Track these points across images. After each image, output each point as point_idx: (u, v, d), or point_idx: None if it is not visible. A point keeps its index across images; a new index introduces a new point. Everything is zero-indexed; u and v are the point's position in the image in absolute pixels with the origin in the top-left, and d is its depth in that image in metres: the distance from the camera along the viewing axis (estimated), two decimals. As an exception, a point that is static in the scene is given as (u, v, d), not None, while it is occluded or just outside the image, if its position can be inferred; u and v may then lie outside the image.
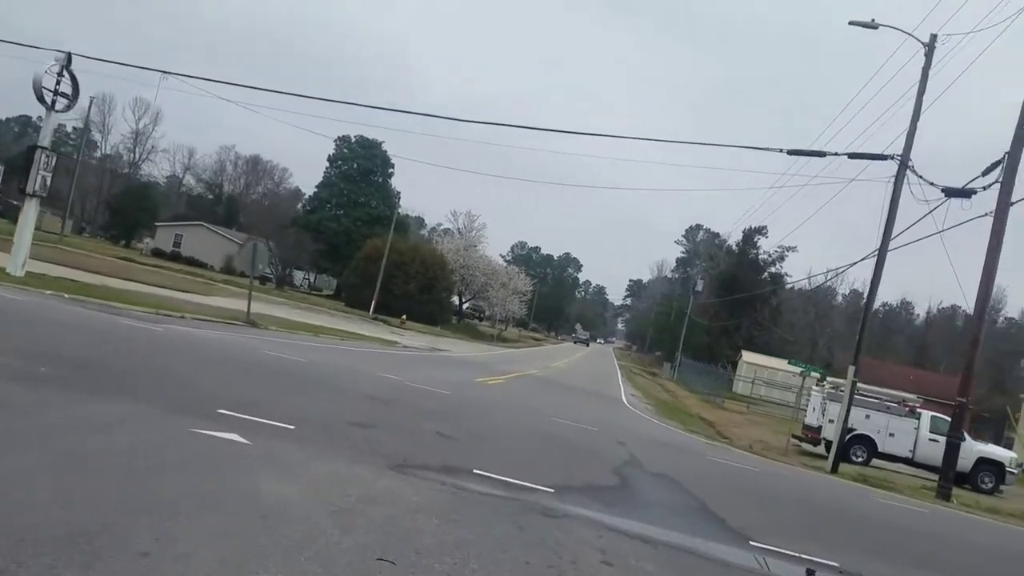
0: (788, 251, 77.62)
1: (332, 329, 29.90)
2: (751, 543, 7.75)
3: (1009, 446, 32.34)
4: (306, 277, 79.81)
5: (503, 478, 8.16)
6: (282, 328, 24.59)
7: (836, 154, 20.24)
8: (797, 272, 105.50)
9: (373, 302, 54.03)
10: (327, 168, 74.52)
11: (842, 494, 15.14)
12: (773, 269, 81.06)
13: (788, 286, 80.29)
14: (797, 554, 7.67)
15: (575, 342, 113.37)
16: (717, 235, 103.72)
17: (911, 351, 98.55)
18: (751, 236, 79.08)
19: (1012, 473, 23.38)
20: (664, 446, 15.74)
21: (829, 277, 72.00)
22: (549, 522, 6.78)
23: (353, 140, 72.83)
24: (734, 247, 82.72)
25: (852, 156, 20.32)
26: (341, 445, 8.08)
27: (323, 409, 9.95)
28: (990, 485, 22.89)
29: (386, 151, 73.92)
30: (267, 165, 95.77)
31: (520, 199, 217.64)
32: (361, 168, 74.13)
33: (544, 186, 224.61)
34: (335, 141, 72.90)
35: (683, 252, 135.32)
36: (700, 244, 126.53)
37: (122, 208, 75.14)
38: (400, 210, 77.61)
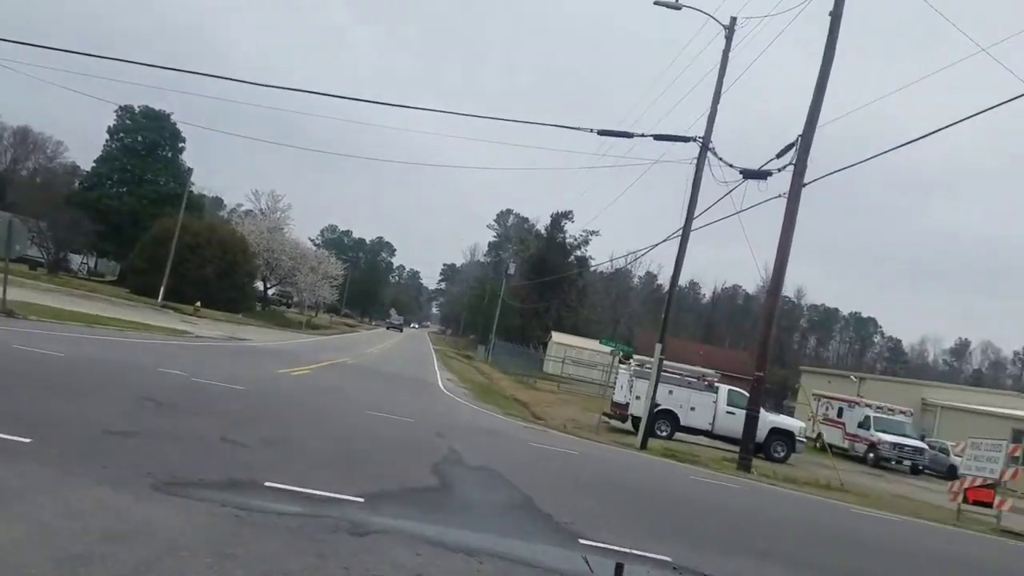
0: (592, 235, 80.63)
1: (111, 319, 26.51)
2: (581, 541, 7.09)
3: (791, 415, 35.25)
4: (84, 262, 71.78)
5: (303, 490, 6.93)
6: (47, 318, 21.26)
7: (643, 135, 20.44)
8: (601, 255, 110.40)
9: (162, 288, 49.29)
10: (107, 141, 67.03)
11: (658, 473, 15.21)
12: (579, 252, 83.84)
13: (593, 268, 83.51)
14: (628, 549, 7.11)
15: (388, 327, 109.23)
16: (527, 219, 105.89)
17: (699, 328, 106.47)
18: (558, 220, 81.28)
19: (801, 442, 25.13)
20: (484, 434, 15.01)
21: (630, 260, 75.38)
22: (357, 543, 5.68)
23: (137, 110, 66.12)
24: (543, 231, 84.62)
25: (657, 138, 20.62)
26: (93, 462, 6.46)
27: (77, 415, 8.13)
28: (782, 454, 24.46)
29: (175, 123, 67.86)
30: (38, 137, 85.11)
31: (330, 182, 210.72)
32: (147, 141, 67.46)
33: (356, 169, 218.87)
34: (116, 111, 65.82)
35: (495, 236, 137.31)
36: (511, 228, 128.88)
37: None
38: (194, 188, 71.79)
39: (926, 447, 33.35)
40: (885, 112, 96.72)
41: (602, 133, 19.93)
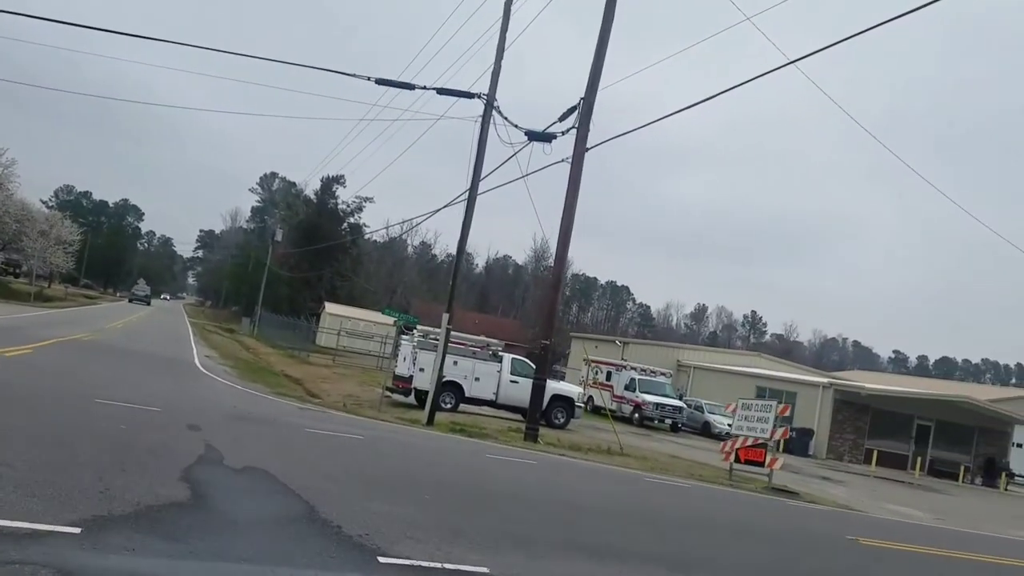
0: (366, 201, 77.91)
1: None
2: (380, 560, 5.73)
3: (562, 379, 36.17)
4: None
5: (-13, 524, 4.89)
6: None
7: (425, 88, 19.09)
8: (375, 223, 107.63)
9: None
10: None
11: (452, 454, 14.12)
12: (352, 219, 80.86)
13: (368, 236, 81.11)
14: (439, 564, 5.87)
15: (131, 300, 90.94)
16: (294, 184, 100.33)
17: (473, 297, 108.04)
18: (329, 185, 77.60)
19: (580, 407, 25.45)
20: (251, 422, 12.96)
21: (407, 228, 74.13)
22: (60, 611, 3.88)
23: None
24: (312, 197, 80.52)
25: (440, 92, 19.38)
26: None
27: None
28: (562, 420, 24.59)
29: None
30: None
31: (64, 137, 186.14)
32: None
33: (96, 122, 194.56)
34: None
35: (259, 201, 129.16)
36: (277, 193, 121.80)
37: None
38: None
39: (684, 406, 35.69)
40: (649, 90, 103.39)
41: (380, 82, 18.34)
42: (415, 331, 25.67)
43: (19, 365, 14.98)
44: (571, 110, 19.54)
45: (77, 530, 5.11)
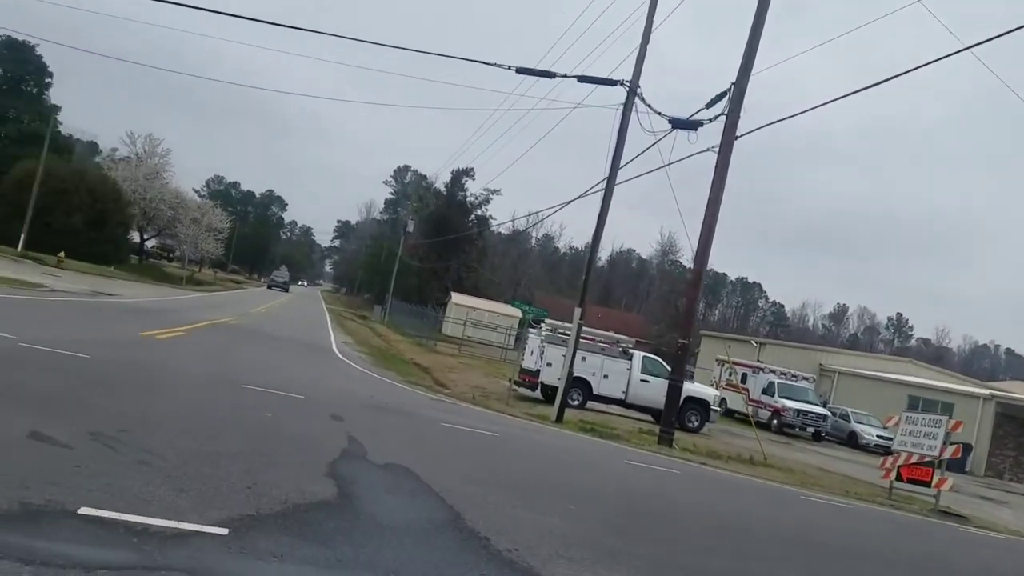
0: (494, 194, 78.48)
1: (-57, 269, 22.64)
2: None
3: (691, 379, 34.79)
4: (-65, 206, 64.04)
5: (137, 519, 4.73)
6: None
7: (565, 76, 18.50)
8: (501, 215, 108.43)
9: (22, 237, 44.11)
10: (-40, 71, 59.64)
11: (588, 458, 13.56)
12: (480, 212, 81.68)
13: (494, 228, 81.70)
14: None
15: (270, 286, 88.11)
16: (425, 177, 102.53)
17: (596, 291, 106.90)
18: (459, 178, 78.68)
19: (716, 411, 24.27)
20: (389, 413, 12.86)
21: (533, 220, 73.99)
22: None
23: (-2, 40, 58.88)
24: (442, 189, 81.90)
25: (581, 79, 18.74)
26: None
27: None
28: (696, 424, 23.51)
29: (41, 56, 60.98)
30: None
31: (218, 131, 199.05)
32: (8, 75, 60.47)
33: (247, 118, 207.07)
34: (-32, 38, 58.40)
35: (392, 193, 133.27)
36: (409, 186, 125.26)
37: None
38: (63, 129, 65.12)
39: (828, 413, 33.56)
40: (789, 77, 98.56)
41: (520, 71, 17.90)
42: (543, 325, 25.25)
43: (171, 347, 15.60)
44: (720, 96, 18.47)
45: (224, 531, 4.88)
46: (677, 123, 18.66)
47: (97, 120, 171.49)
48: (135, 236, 67.69)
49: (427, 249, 73.25)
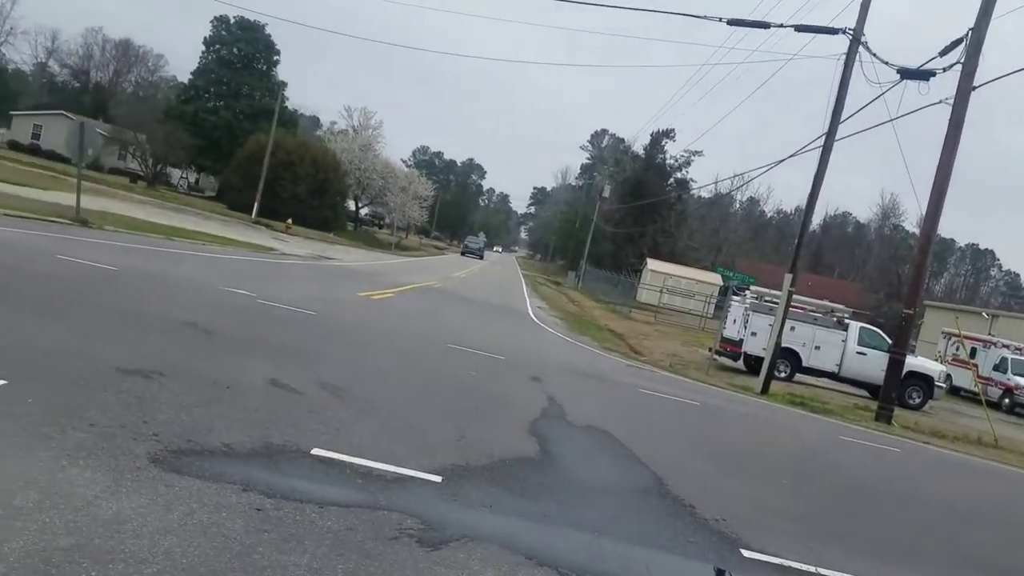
0: (695, 156, 75.94)
1: (196, 232, 25.63)
2: (744, 554, 5.01)
3: (912, 353, 31.90)
4: (184, 176, 72.84)
5: (362, 462, 5.07)
6: (124, 229, 20.31)
7: (781, 25, 17.34)
8: (702, 177, 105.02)
9: (255, 205, 48.99)
10: (203, 53, 66.77)
11: (797, 432, 12.87)
12: (679, 175, 79.52)
13: (694, 193, 79.26)
14: (814, 569, 4.99)
15: (464, 253, 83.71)
16: (622, 140, 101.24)
17: (806, 257, 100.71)
18: (658, 140, 76.85)
19: (940, 387, 22.19)
20: (586, 377, 12.97)
21: (736, 184, 70.83)
22: (429, 564, 3.77)
23: (232, 21, 65.26)
24: (640, 152, 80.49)
25: (799, 29, 17.48)
26: (79, 416, 4.73)
27: (89, 346, 6.48)
28: (918, 400, 21.63)
29: (269, 35, 66.85)
30: (139, 51, 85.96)
31: (423, 102, 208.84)
32: (242, 53, 66.80)
33: (447, 89, 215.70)
34: (212, 22, 65.27)
35: (588, 158, 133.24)
36: (606, 150, 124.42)
37: (-26, 94, 65.92)
38: (288, 105, 71.11)
39: (1070, 395, 29.56)
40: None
41: (732, 23, 17.04)
42: (747, 292, 24.20)
43: (384, 308, 16.66)
44: (954, 43, 16.53)
45: (438, 479, 5.12)
46: (906, 73, 16.95)
47: (318, 94, 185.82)
48: (351, 204, 72.93)
49: (623, 214, 72.57)
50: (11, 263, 10.63)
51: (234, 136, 62.06)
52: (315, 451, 5.11)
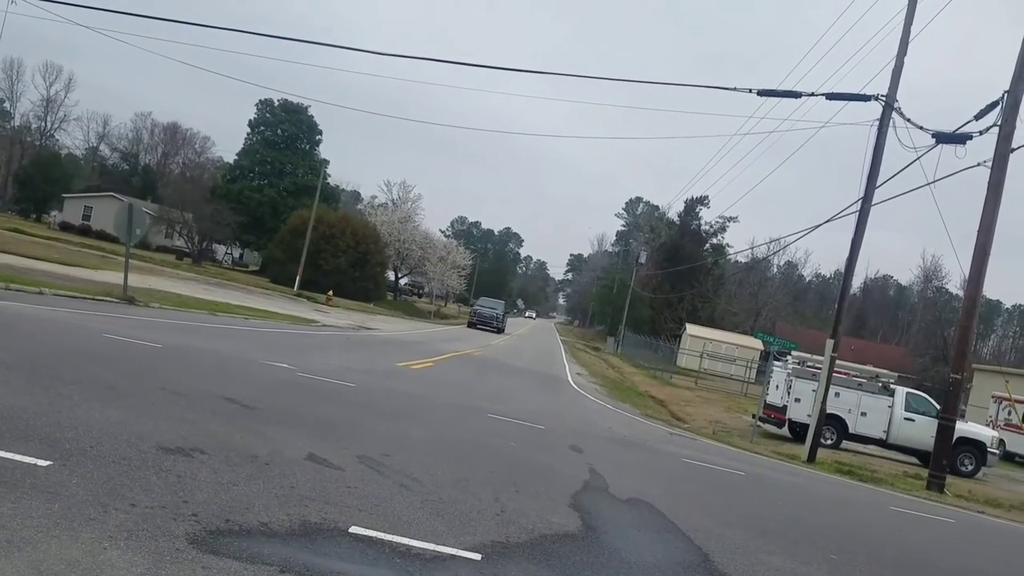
0: (730, 221, 76.05)
1: (239, 307, 26.16)
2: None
3: (962, 418, 30.75)
4: (228, 252, 74.83)
5: (400, 540, 5.01)
6: (169, 305, 20.80)
7: (812, 94, 17.53)
8: (738, 242, 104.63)
9: (297, 278, 49.98)
10: (248, 134, 69.42)
11: (846, 499, 12.46)
12: (715, 240, 79.47)
13: (731, 257, 78.92)
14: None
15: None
16: (657, 207, 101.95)
17: (848, 321, 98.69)
18: (692, 207, 77.28)
19: (994, 454, 21.35)
20: (627, 446, 12.75)
21: (773, 248, 70.38)
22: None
23: (276, 104, 67.90)
24: (675, 219, 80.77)
25: (830, 97, 17.64)
26: (121, 497, 4.77)
27: (129, 425, 6.58)
28: (971, 468, 20.84)
29: (312, 116, 69.33)
30: (186, 133, 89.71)
31: (461, 174, 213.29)
32: (286, 134, 69.33)
33: (485, 161, 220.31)
34: (256, 105, 68.00)
35: (623, 225, 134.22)
36: (640, 217, 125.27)
37: (31, 180, 69.20)
38: (331, 180, 73.15)
39: None
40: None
41: (762, 93, 17.22)
42: (789, 357, 23.77)
43: (424, 378, 16.69)
44: (990, 106, 16.54)
45: (477, 556, 5.03)
46: (942, 137, 16.93)
47: (359, 169, 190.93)
48: (391, 274, 73.99)
49: (660, 280, 72.41)
50: (58, 343, 10.92)
51: (277, 212, 63.87)
52: (353, 529, 5.06)
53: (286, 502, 5.37)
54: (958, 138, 16.85)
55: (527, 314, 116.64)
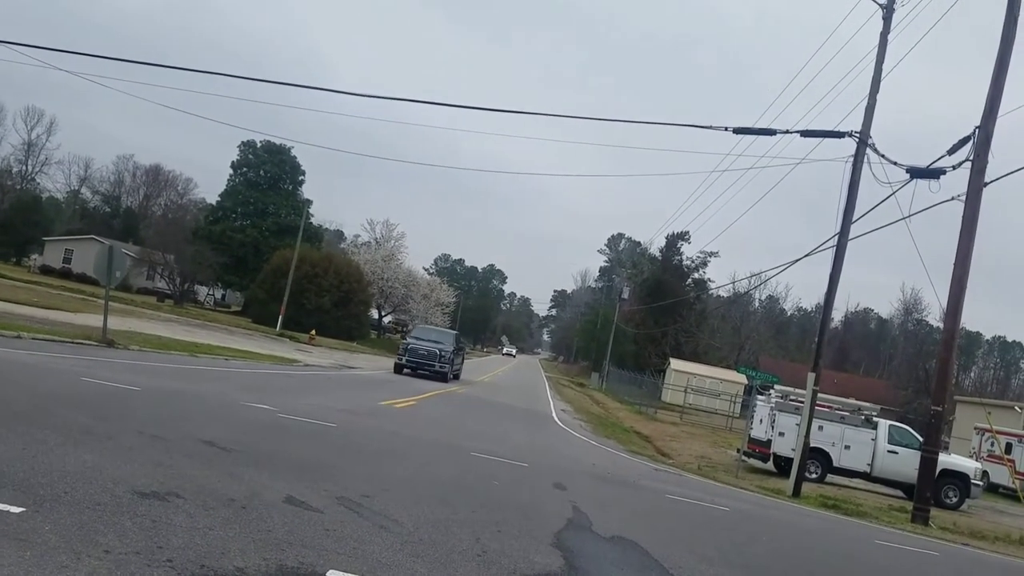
0: (711, 256, 76.76)
1: (220, 348, 25.94)
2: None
3: (945, 450, 30.86)
4: (211, 293, 74.41)
5: (377, 585, 4.94)
6: (149, 347, 20.61)
7: (787, 132, 17.82)
8: (719, 277, 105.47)
9: (280, 317, 49.71)
10: (231, 175, 69.50)
11: (831, 534, 12.43)
12: (697, 275, 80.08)
13: (712, 292, 79.49)
14: None
15: (504, 353, 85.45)
16: (639, 243, 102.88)
17: (829, 354, 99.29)
18: (674, 242, 77.97)
19: (978, 486, 21.43)
20: (611, 483, 12.68)
21: (754, 283, 70.99)
22: None
23: (259, 145, 68.15)
24: (657, 254, 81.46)
25: (804, 134, 17.96)
26: (94, 543, 4.69)
27: (107, 468, 6.48)
28: (955, 500, 20.89)
29: (295, 156, 69.57)
30: (169, 175, 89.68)
31: (442, 211, 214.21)
32: (268, 175, 69.47)
33: (469, 199, 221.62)
34: (239, 147, 68.23)
35: (606, 261, 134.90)
36: (623, 253, 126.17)
37: (11, 223, 68.72)
38: (313, 220, 73.22)
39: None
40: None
41: (738, 131, 17.53)
42: (772, 391, 23.87)
43: (405, 417, 16.57)
44: (963, 141, 16.90)
45: (458, 598, 4.96)
46: (916, 172, 17.28)
47: (342, 208, 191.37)
48: (374, 312, 73.75)
49: (643, 315, 72.74)
50: (35, 387, 10.78)
51: (260, 253, 63.71)
52: (330, 573, 4.99)
53: (263, 546, 5.29)
54: (932, 173, 17.19)
55: (504, 351, 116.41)
